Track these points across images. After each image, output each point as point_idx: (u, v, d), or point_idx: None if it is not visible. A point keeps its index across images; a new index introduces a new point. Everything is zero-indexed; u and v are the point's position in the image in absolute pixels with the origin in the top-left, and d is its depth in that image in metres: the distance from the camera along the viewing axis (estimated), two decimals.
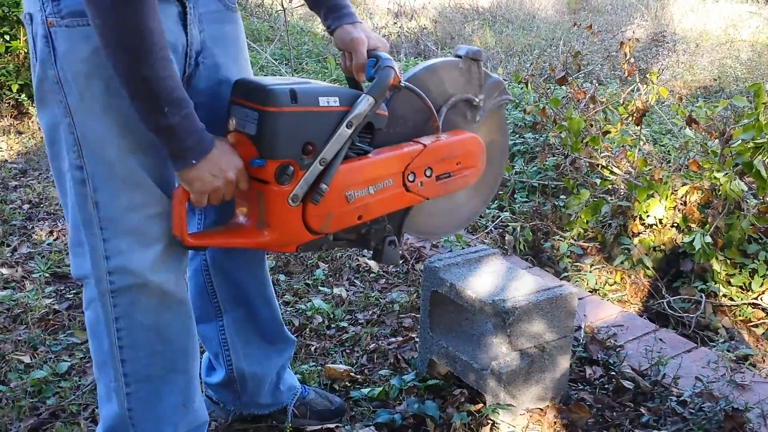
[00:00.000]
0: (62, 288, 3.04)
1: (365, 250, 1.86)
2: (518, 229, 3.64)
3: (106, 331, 1.64)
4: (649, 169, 3.53)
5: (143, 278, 1.59)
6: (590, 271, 3.37)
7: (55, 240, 3.51)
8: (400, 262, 1.87)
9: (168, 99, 1.39)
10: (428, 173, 1.81)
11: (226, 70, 1.69)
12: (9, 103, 5.45)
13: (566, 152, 3.86)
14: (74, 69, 1.47)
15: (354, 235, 1.77)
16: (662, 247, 3.34)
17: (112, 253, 1.58)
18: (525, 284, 2.21)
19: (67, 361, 2.49)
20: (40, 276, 3.11)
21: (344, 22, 1.77)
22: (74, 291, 3.00)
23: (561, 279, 3.29)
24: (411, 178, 1.77)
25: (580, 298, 3.02)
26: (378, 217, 1.77)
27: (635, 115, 3.76)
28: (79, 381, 2.39)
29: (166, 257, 1.62)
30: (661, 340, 2.71)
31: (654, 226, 3.39)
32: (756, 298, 3.13)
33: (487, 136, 2.00)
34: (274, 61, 6.48)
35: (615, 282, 3.33)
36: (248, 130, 1.55)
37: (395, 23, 9.56)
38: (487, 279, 2.26)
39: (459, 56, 1.89)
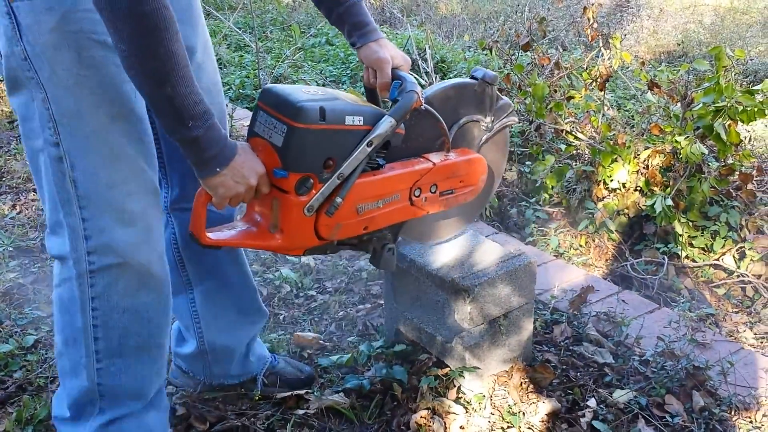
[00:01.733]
0: (26, 261, 3.02)
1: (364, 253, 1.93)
2: None
3: (81, 311, 1.62)
4: (613, 134, 3.56)
5: (126, 257, 1.58)
6: (555, 236, 3.40)
7: (18, 214, 3.47)
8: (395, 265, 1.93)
9: (191, 114, 1.39)
10: (433, 189, 1.87)
11: (185, 38, 1.67)
12: None
13: (531, 118, 3.88)
14: (41, 42, 1.44)
15: (356, 240, 1.82)
16: (626, 210, 3.38)
17: (93, 233, 1.55)
18: (486, 255, 2.21)
19: (33, 334, 2.48)
20: (3, 250, 3.08)
21: (369, 40, 1.81)
22: (38, 264, 2.98)
23: (527, 244, 3.32)
24: (417, 193, 1.84)
25: (545, 263, 3.05)
26: (382, 227, 1.83)
27: (599, 80, 3.78)
28: (46, 354, 2.38)
29: (149, 235, 1.61)
30: (624, 301, 2.75)
31: (618, 191, 3.43)
32: (717, 259, 3.19)
33: (489, 154, 2.06)
34: (237, 30, 6.40)
35: (580, 246, 3.37)
36: (274, 141, 1.58)
37: None
38: (448, 251, 2.25)
39: (475, 78, 1.94)
